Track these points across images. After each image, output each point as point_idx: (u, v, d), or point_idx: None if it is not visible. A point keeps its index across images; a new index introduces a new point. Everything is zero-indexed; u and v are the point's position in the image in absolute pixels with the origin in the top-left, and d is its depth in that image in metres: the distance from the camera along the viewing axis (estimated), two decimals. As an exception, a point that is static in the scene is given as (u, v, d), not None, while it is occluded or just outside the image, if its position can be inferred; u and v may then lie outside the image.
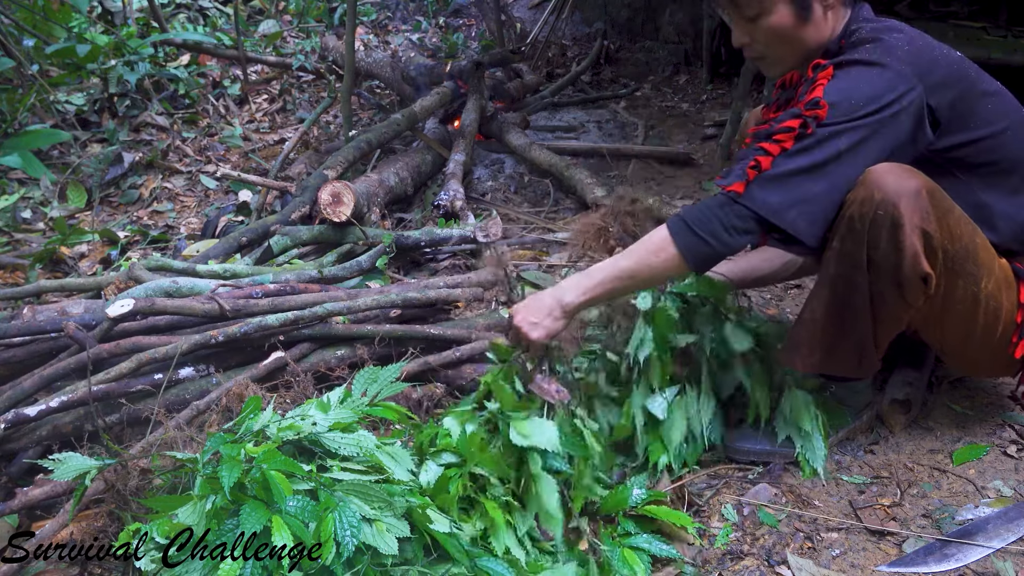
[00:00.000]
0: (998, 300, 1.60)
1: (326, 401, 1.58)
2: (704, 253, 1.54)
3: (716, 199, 1.54)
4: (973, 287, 1.56)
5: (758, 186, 1.49)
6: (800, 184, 1.49)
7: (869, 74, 1.50)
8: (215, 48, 5.52)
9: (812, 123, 1.47)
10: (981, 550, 1.49)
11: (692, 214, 1.55)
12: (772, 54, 1.67)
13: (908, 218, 1.45)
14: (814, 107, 1.48)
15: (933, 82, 1.51)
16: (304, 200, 3.04)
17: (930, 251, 1.49)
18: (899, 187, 1.46)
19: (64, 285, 2.65)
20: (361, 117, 5.18)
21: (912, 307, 1.55)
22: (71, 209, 4.02)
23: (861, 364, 1.66)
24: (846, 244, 1.53)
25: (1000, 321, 1.62)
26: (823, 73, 1.54)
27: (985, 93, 1.59)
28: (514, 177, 3.97)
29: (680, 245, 1.54)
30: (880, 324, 1.59)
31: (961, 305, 1.58)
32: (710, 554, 1.58)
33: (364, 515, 1.29)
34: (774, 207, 1.48)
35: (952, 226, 1.51)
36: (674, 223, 1.56)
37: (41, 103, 4.57)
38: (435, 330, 2.16)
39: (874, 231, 1.48)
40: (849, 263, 1.53)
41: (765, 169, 1.49)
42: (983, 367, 1.79)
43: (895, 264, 1.49)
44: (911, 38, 1.57)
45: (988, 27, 4.00)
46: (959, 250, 1.52)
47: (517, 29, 6.53)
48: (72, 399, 1.83)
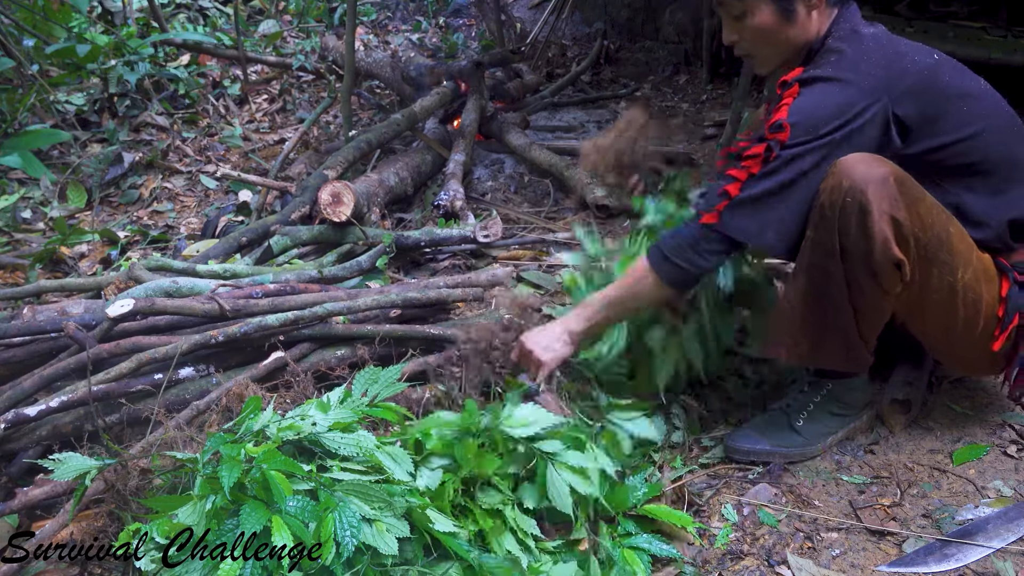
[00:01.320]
0: (977, 292, 1.61)
1: (326, 401, 1.58)
2: (680, 278, 1.67)
3: (691, 230, 1.64)
4: (949, 276, 1.57)
5: (729, 213, 1.58)
6: (769, 206, 1.56)
7: (831, 90, 1.54)
8: (215, 48, 5.52)
9: (776, 147, 1.53)
10: (981, 550, 1.49)
11: (668, 243, 1.67)
12: (758, 53, 1.71)
13: (876, 204, 1.48)
14: (777, 130, 1.53)
15: (900, 91, 1.54)
16: (304, 200, 3.04)
17: (901, 238, 1.51)
18: (867, 174, 1.48)
19: (64, 285, 2.65)
20: (361, 117, 5.18)
21: (888, 294, 1.57)
22: (71, 209, 4.01)
23: (849, 356, 1.67)
24: (818, 233, 1.55)
25: (981, 315, 1.63)
26: (789, 92, 1.58)
27: (960, 96, 1.59)
28: (514, 177, 3.97)
29: (658, 272, 1.67)
30: (861, 313, 1.60)
31: (938, 295, 1.59)
32: (710, 554, 1.58)
33: (364, 515, 1.29)
34: (748, 232, 1.58)
35: (923, 214, 1.53)
36: (653, 253, 1.69)
37: (41, 103, 4.57)
38: (435, 330, 2.16)
39: (844, 218, 1.51)
40: (822, 251, 1.56)
41: (734, 195, 1.57)
42: (969, 363, 1.79)
43: (866, 250, 1.51)
44: (881, 46, 1.59)
45: (988, 27, 4.00)
46: (931, 238, 1.54)
47: (517, 29, 6.52)
48: (72, 399, 1.83)
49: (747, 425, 1.88)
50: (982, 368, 1.80)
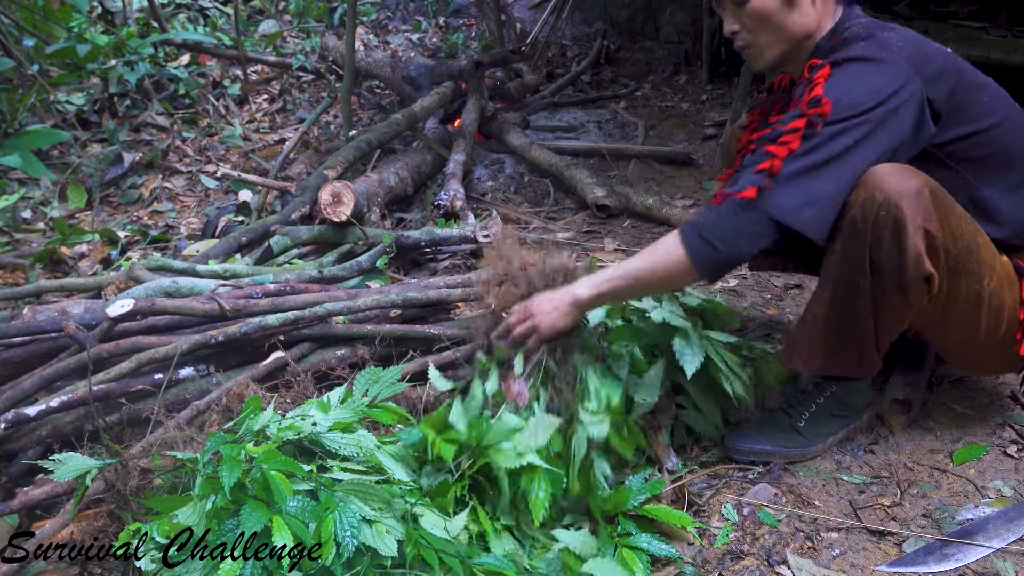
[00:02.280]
0: (1001, 298, 1.60)
1: (326, 401, 1.58)
2: (714, 259, 1.52)
3: (728, 206, 1.51)
4: (976, 285, 1.56)
5: (769, 190, 1.47)
6: (810, 184, 1.47)
7: (867, 70, 1.49)
8: (215, 48, 5.52)
9: (818, 121, 1.46)
10: (981, 550, 1.49)
11: (704, 220, 1.53)
12: (757, 41, 1.66)
13: (911, 218, 1.45)
14: (816, 105, 1.48)
15: (930, 75, 1.51)
16: (304, 200, 3.04)
17: (932, 251, 1.48)
18: (901, 187, 1.45)
19: (64, 285, 2.65)
20: (361, 117, 5.18)
21: (914, 308, 1.55)
22: (71, 209, 4.01)
23: (862, 364, 1.66)
24: (848, 246, 1.52)
25: (1003, 319, 1.62)
26: (820, 72, 1.53)
27: (980, 86, 1.59)
28: (514, 177, 3.97)
29: (690, 251, 1.53)
30: (882, 325, 1.58)
31: (964, 304, 1.58)
32: (710, 554, 1.58)
33: (364, 516, 1.29)
34: (788, 209, 1.46)
35: (954, 225, 1.51)
36: (686, 229, 1.55)
37: (41, 103, 4.57)
38: (435, 330, 2.16)
39: (876, 232, 1.47)
40: (851, 265, 1.53)
41: (775, 172, 1.48)
42: (987, 365, 1.79)
43: (898, 265, 1.48)
44: (903, 34, 1.57)
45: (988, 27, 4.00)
46: (961, 249, 1.52)
47: (517, 29, 6.52)
48: (72, 399, 1.83)
49: (748, 425, 1.88)
50: (1000, 368, 1.79)
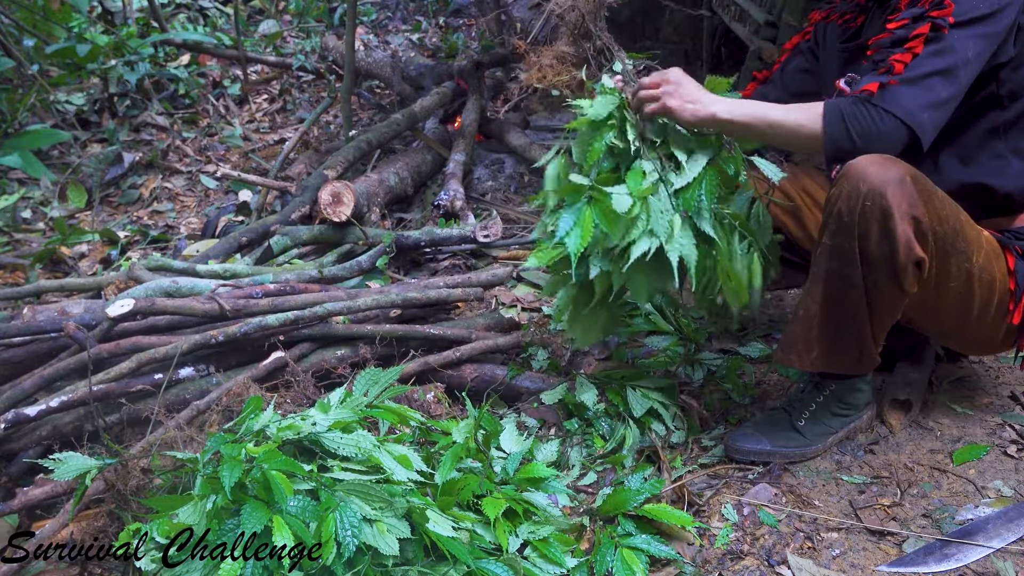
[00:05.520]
0: (990, 272, 1.62)
1: (326, 401, 1.58)
2: (843, 146, 1.54)
3: (852, 99, 1.54)
4: (965, 263, 1.58)
5: (894, 90, 1.51)
6: (933, 87, 1.51)
7: None
8: (215, 48, 5.51)
9: (943, 23, 1.49)
10: (981, 550, 1.49)
11: (848, 108, 1.54)
12: None
13: (897, 206, 1.47)
14: (939, 7, 1.50)
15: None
16: (304, 200, 3.04)
17: (921, 236, 1.50)
18: (884, 176, 1.47)
19: (64, 285, 2.65)
20: (361, 117, 5.18)
21: (907, 294, 1.56)
22: (71, 209, 4.01)
23: (861, 359, 1.67)
24: (836, 239, 1.54)
25: (995, 292, 1.64)
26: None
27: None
28: (514, 177, 3.97)
29: (827, 127, 1.54)
30: (876, 316, 1.60)
31: (956, 283, 1.59)
32: (710, 554, 1.58)
33: (365, 515, 1.29)
34: (906, 108, 1.50)
35: (938, 207, 1.53)
36: (831, 107, 1.56)
37: (41, 103, 4.57)
38: (435, 330, 2.16)
39: (864, 223, 1.49)
40: (841, 258, 1.55)
41: (898, 72, 1.51)
42: (982, 343, 1.79)
43: (888, 253, 1.50)
44: None
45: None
46: (948, 230, 1.54)
47: (517, 29, 6.52)
48: (72, 399, 1.83)
49: (748, 425, 1.87)
50: (993, 346, 1.80)
